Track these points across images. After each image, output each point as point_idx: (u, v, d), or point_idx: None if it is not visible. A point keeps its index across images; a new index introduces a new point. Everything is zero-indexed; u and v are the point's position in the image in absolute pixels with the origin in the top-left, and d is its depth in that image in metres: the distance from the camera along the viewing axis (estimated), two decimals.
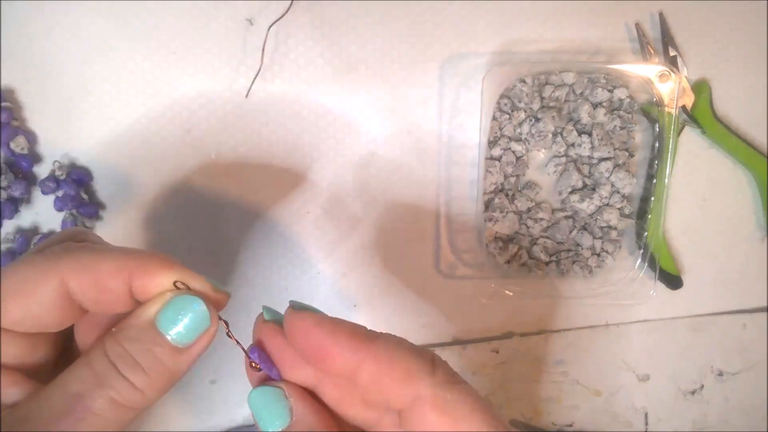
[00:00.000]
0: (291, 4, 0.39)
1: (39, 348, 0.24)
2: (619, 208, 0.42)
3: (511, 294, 0.41)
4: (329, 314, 0.24)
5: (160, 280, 0.23)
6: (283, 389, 0.23)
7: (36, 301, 0.22)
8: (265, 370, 0.23)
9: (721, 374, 0.45)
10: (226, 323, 0.24)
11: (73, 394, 0.21)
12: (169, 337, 0.23)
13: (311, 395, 0.24)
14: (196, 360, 0.24)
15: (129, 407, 0.22)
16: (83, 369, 0.22)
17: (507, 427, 0.22)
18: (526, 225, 0.42)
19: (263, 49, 0.40)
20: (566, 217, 0.42)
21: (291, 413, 0.23)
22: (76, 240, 0.25)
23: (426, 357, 0.22)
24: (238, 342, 0.24)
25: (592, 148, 0.41)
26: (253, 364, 0.23)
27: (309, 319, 0.23)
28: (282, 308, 0.44)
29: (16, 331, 0.22)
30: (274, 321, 0.25)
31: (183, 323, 0.23)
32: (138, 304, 0.24)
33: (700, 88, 0.41)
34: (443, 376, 0.22)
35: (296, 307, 0.24)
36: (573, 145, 0.41)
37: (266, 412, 0.23)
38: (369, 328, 0.23)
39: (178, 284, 0.24)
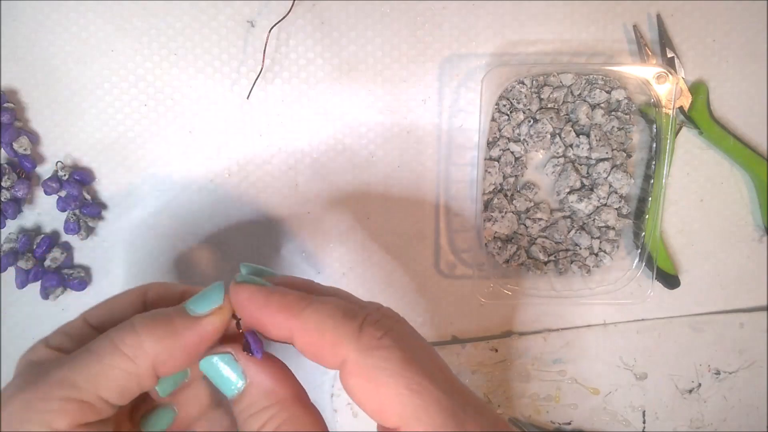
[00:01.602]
0: (293, 4, 0.39)
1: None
2: (616, 209, 0.42)
3: (509, 293, 0.42)
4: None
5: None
6: (232, 354, 0.25)
7: (108, 383, 0.23)
8: (253, 351, 0.25)
9: (718, 373, 0.46)
10: (238, 320, 0.26)
11: (109, 338, 0.24)
12: (188, 309, 0.25)
13: (271, 359, 0.25)
14: (206, 337, 0.25)
15: (125, 356, 0.23)
16: (127, 323, 0.24)
17: (431, 391, 0.22)
18: (524, 225, 0.42)
19: (264, 51, 0.40)
20: (564, 217, 0.42)
21: (244, 376, 0.24)
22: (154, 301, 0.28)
23: (355, 321, 0.23)
24: (240, 330, 0.26)
25: (590, 148, 0.41)
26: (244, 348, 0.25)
27: (243, 293, 0.25)
28: None
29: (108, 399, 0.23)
30: (247, 281, 0.26)
31: (202, 296, 0.25)
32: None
33: (698, 89, 0.41)
34: (368, 341, 0.22)
35: (239, 279, 0.26)
36: (571, 145, 0.41)
37: (222, 377, 0.25)
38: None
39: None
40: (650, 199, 0.41)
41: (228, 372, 0.25)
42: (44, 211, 0.42)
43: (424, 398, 0.22)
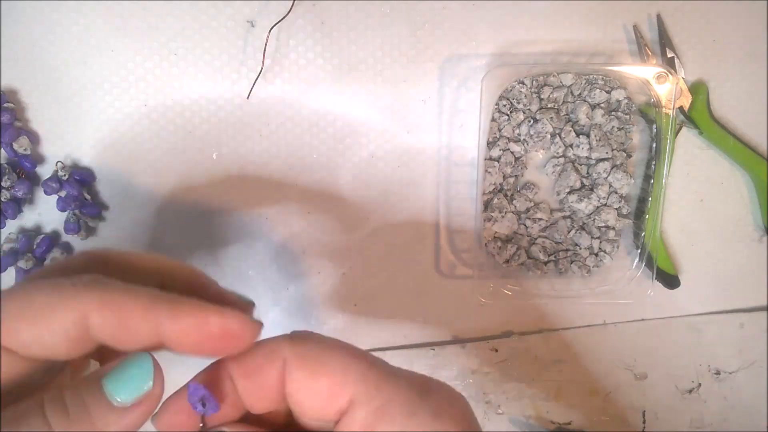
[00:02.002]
0: (293, 4, 0.39)
1: (36, 371, 0.22)
2: (616, 209, 0.42)
3: (510, 293, 0.42)
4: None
5: (187, 327, 0.22)
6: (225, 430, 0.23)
7: (50, 329, 0.21)
8: (208, 408, 0.22)
9: (718, 373, 0.46)
10: (204, 407, 0.22)
11: (16, 421, 0.20)
12: (107, 393, 0.21)
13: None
14: (133, 425, 0.21)
15: None
16: (35, 405, 0.21)
17: (370, 357, 0.23)
18: (524, 225, 0.42)
19: (264, 51, 0.40)
20: (564, 217, 0.42)
21: None
22: (104, 263, 0.24)
23: (279, 336, 0.23)
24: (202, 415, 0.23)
25: (590, 148, 0.41)
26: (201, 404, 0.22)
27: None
28: (282, 308, 0.44)
29: (18, 353, 0.21)
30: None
31: (126, 379, 0.21)
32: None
33: (698, 89, 0.41)
34: (298, 336, 0.23)
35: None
36: (571, 145, 0.41)
37: None
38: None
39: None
40: (650, 199, 0.41)
41: None
42: (44, 211, 0.42)
43: (368, 362, 0.22)
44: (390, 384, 0.22)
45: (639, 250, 0.42)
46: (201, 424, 0.22)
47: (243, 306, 0.25)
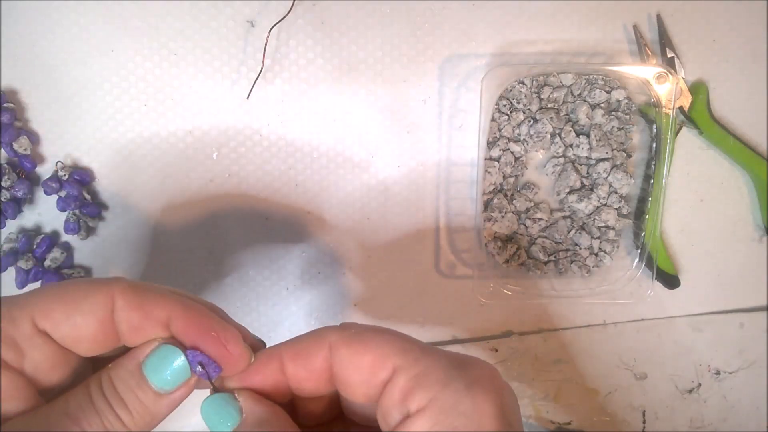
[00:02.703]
0: (293, 4, 0.39)
1: (61, 368, 0.24)
2: (616, 209, 0.42)
3: (509, 293, 0.42)
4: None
5: (188, 327, 0.24)
6: (233, 393, 0.25)
7: (80, 310, 0.23)
8: (208, 371, 0.24)
9: (718, 373, 0.46)
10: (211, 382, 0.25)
11: (70, 415, 0.22)
12: (151, 383, 0.24)
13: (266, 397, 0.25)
14: (177, 405, 0.24)
15: None
16: (82, 395, 0.23)
17: (410, 340, 0.24)
18: (524, 225, 0.42)
19: (264, 51, 0.40)
20: (564, 217, 0.42)
21: (241, 412, 0.24)
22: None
23: (336, 326, 0.26)
24: (213, 386, 0.25)
25: (590, 148, 0.41)
26: (200, 368, 0.24)
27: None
28: (282, 306, 0.44)
29: (51, 336, 0.23)
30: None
31: (165, 371, 0.24)
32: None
33: (698, 89, 0.41)
34: (347, 327, 0.25)
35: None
36: (571, 145, 0.41)
37: (216, 416, 0.24)
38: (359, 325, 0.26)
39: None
40: (650, 199, 0.41)
41: (226, 410, 0.24)
42: (44, 211, 0.42)
43: (407, 339, 0.24)
44: (428, 356, 0.23)
45: (639, 250, 0.42)
46: (211, 387, 0.25)
47: (253, 341, 0.27)
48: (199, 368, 0.24)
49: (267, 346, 0.27)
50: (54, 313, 0.23)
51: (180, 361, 0.24)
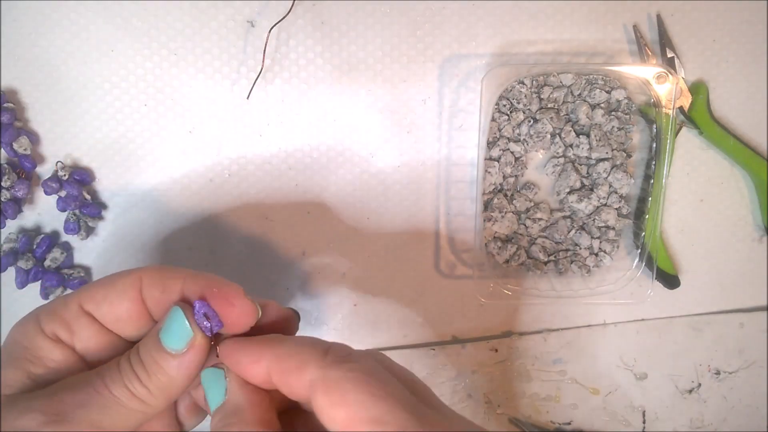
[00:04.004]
0: (293, 4, 0.39)
1: (107, 349, 0.27)
2: (616, 209, 0.42)
3: (509, 293, 0.42)
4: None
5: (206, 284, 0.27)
6: (224, 369, 0.26)
7: (116, 291, 0.27)
8: (212, 324, 0.26)
9: (718, 373, 0.46)
10: (213, 340, 0.27)
11: (100, 374, 0.26)
12: (164, 344, 0.26)
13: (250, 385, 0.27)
14: (191, 369, 0.26)
15: (137, 398, 0.25)
16: (112, 363, 0.26)
17: (400, 399, 0.23)
18: (524, 225, 0.42)
19: (264, 51, 0.40)
20: (564, 217, 0.42)
21: (225, 394, 0.26)
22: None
23: (321, 347, 0.25)
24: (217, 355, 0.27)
25: (590, 148, 0.41)
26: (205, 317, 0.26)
27: (225, 345, 0.27)
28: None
29: (94, 317, 0.27)
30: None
31: (173, 331, 0.26)
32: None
33: (698, 89, 0.41)
34: (333, 359, 0.24)
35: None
36: (571, 145, 0.41)
37: (208, 390, 0.27)
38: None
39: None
40: (650, 199, 0.41)
41: (218, 385, 0.26)
42: (44, 211, 0.42)
43: (389, 402, 0.22)
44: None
45: (639, 250, 0.42)
46: (212, 342, 0.26)
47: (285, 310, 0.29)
48: (206, 323, 0.26)
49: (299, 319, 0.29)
50: (95, 296, 0.27)
51: (183, 319, 0.26)
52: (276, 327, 0.28)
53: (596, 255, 0.42)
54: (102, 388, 0.25)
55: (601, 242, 0.42)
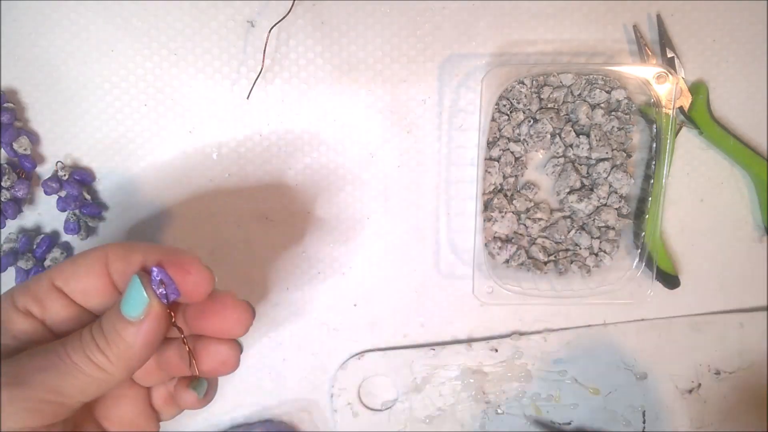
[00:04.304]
0: (293, 4, 0.39)
1: (77, 322, 0.29)
2: (616, 209, 0.42)
3: (509, 293, 0.42)
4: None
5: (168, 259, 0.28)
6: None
7: (83, 265, 0.28)
8: (168, 291, 0.27)
9: (718, 373, 0.46)
10: (172, 313, 0.28)
11: (62, 343, 0.27)
12: (122, 311, 0.27)
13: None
14: (148, 337, 0.27)
15: (96, 365, 0.26)
16: (75, 333, 0.27)
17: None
18: (524, 225, 0.42)
19: (264, 51, 0.40)
20: (564, 217, 0.42)
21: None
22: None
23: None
24: (177, 327, 0.29)
25: (590, 148, 0.41)
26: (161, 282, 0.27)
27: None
28: (283, 306, 0.44)
29: (64, 292, 0.28)
30: None
31: (130, 298, 0.27)
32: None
33: (698, 89, 0.41)
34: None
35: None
36: (571, 145, 0.41)
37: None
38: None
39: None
40: (650, 199, 0.41)
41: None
42: (44, 211, 0.42)
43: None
44: None
45: (639, 250, 0.42)
46: (169, 311, 0.28)
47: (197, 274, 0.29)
48: (162, 290, 0.27)
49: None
50: (65, 271, 0.28)
51: (139, 287, 0.27)
52: (228, 317, 0.29)
53: (596, 255, 0.42)
54: (63, 355, 0.26)
55: (601, 242, 0.42)
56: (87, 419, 0.30)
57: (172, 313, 0.28)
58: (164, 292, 0.27)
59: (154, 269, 0.27)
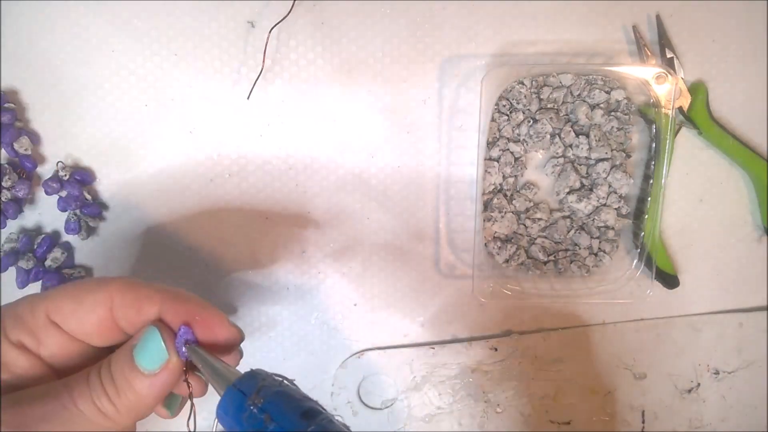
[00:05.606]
0: (293, 5, 0.39)
1: (76, 356, 0.27)
2: (616, 209, 0.42)
3: (509, 293, 0.42)
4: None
5: (173, 314, 0.27)
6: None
7: (84, 305, 0.26)
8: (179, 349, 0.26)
9: (717, 373, 0.46)
10: (187, 366, 0.27)
11: (68, 388, 0.25)
12: (137, 363, 0.25)
13: None
14: (161, 390, 0.26)
15: (104, 415, 0.25)
16: (81, 376, 0.26)
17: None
18: (524, 225, 0.42)
19: (265, 51, 0.40)
20: (564, 217, 0.43)
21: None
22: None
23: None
24: (188, 383, 0.27)
25: (590, 148, 0.41)
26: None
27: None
28: (283, 306, 0.44)
29: (62, 328, 0.26)
30: None
31: (147, 351, 0.26)
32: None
33: (697, 89, 0.41)
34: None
35: None
36: (571, 146, 0.41)
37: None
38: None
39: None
40: (649, 199, 0.41)
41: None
42: (45, 211, 0.42)
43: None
44: None
45: (638, 250, 0.42)
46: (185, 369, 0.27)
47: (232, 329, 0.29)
48: (184, 349, 0.26)
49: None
50: (63, 309, 0.26)
51: (159, 341, 0.26)
52: (218, 338, 0.28)
53: (596, 255, 0.43)
54: (68, 402, 0.25)
55: (600, 242, 0.42)
56: None
57: (185, 368, 0.27)
58: (184, 349, 0.26)
59: (182, 328, 0.26)
